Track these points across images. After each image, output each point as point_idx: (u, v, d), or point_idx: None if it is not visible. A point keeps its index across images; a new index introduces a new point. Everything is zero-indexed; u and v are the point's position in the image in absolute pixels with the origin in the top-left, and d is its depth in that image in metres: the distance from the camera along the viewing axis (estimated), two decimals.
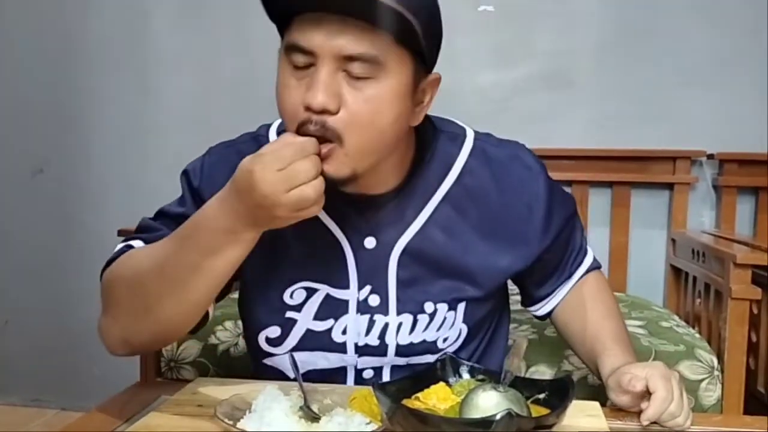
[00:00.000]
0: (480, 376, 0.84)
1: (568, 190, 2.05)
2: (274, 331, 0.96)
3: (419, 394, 0.80)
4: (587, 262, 1.08)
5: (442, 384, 0.82)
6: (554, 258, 1.03)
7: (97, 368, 2.37)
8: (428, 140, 0.92)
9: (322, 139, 0.76)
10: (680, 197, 2.10)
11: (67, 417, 2.33)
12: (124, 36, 2.40)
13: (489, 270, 0.95)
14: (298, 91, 0.78)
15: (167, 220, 0.93)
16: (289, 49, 0.78)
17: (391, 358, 0.95)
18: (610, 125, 2.16)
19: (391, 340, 0.94)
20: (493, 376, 0.82)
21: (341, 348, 0.94)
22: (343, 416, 0.75)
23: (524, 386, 0.79)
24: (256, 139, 0.96)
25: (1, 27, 2.47)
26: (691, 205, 2.11)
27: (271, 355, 0.97)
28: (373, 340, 0.94)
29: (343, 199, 0.88)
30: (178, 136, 2.36)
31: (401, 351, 0.95)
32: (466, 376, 0.85)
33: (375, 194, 0.90)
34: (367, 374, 0.97)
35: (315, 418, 0.76)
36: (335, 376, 0.96)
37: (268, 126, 0.97)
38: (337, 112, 0.76)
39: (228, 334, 1.55)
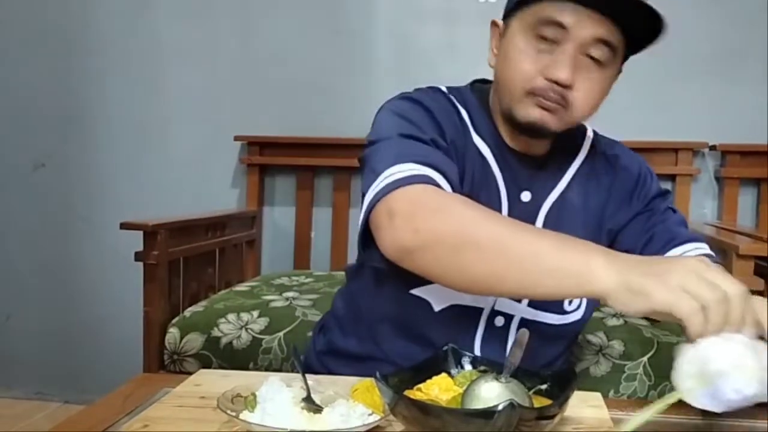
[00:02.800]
0: (482, 367, 0.84)
1: None
2: None
3: (421, 385, 0.80)
4: (704, 246, 1.07)
5: (444, 375, 0.82)
6: (652, 222, 1.05)
7: (100, 361, 2.38)
8: None
9: (553, 100, 0.89)
10: (682, 189, 2.10)
11: (70, 410, 2.33)
12: (128, 28, 2.40)
13: (613, 231, 1.04)
14: (536, 60, 0.88)
15: (425, 148, 0.91)
16: (543, 21, 0.87)
17: (523, 308, 1.00)
18: (611, 117, 2.14)
19: None
20: (495, 367, 0.82)
21: None
22: (345, 407, 0.75)
23: (526, 377, 0.79)
24: (436, 89, 1.05)
25: (2, 19, 2.47)
26: (693, 196, 2.11)
27: (420, 285, 0.97)
28: None
29: (513, 155, 1.00)
30: (181, 130, 2.36)
31: (532, 302, 1.00)
32: (468, 367, 0.85)
33: (537, 154, 1.01)
34: (498, 321, 1.01)
35: (317, 409, 0.76)
36: (471, 317, 1.00)
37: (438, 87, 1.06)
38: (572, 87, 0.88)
39: (231, 326, 1.55)
